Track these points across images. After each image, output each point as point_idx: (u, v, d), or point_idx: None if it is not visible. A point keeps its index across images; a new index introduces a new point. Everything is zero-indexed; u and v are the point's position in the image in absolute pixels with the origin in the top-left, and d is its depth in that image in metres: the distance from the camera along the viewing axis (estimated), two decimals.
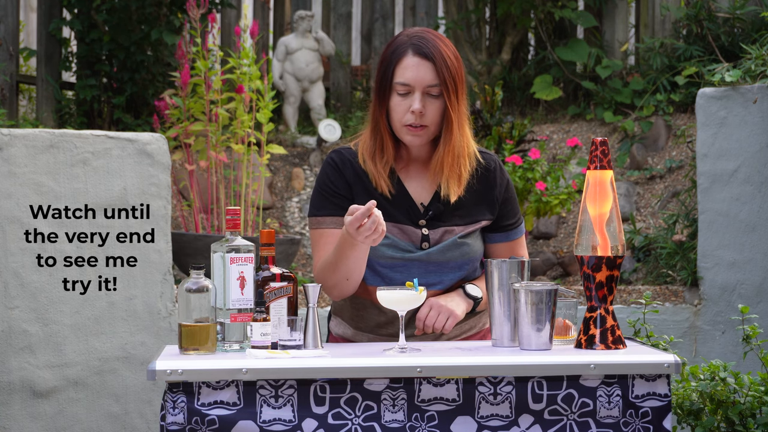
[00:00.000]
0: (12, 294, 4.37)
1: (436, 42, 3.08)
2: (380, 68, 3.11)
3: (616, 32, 7.33)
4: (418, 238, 3.12)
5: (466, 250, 3.14)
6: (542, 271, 5.96)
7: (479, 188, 3.17)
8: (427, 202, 3.15)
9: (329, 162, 3.16)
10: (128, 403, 4.48)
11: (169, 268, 4.54)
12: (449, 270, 3.13)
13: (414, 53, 3.07)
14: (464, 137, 3.13)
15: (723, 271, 5.04)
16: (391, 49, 3.10)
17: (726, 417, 3.53)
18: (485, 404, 2.76)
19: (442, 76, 3.05)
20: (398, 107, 3.08)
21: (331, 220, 3.13)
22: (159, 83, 6.70)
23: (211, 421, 2.71)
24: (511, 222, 3.22)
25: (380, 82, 3.10)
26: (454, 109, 3.08)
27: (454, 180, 3.12)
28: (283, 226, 6.50)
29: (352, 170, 3.14)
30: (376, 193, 3.12)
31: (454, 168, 3.12)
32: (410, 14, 7.84)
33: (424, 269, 3.11)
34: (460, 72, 3.09)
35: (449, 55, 3.08)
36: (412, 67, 3.06)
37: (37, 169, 4.40)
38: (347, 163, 3.14)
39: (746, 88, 5.01)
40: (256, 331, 2.82)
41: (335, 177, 3.14)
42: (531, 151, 5.75)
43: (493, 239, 3.22)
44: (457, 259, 3.14)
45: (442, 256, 3.12)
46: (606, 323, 2.88)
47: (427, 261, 3.12)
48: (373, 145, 3.13)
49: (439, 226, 3.14)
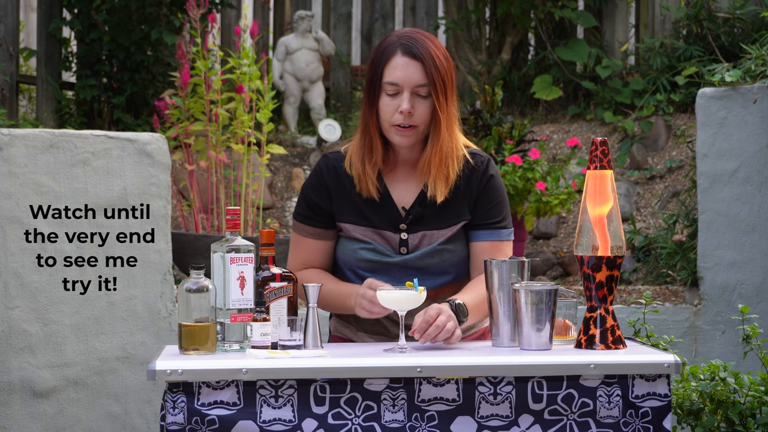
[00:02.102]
0: (12, 294, 4.37)
1: (425, 42, 3.07)
2: (370, 69, 3.10)
3: (616, 32, 7.33)
4: (396, 243, 3.12)
5: (447, 256, 3.13)
6: (542, 271, 5.96)
7: (463, 188, 3.14)
8: (408, 205, 3.14)
9: (316, 169, 3.19)
10: (128, 403, 4.48)
11: (169, 268, 4.54)
12: (429, 276, 3.11)
13: (403, 53, 3.06)
14: (453, 138, 3.11)
15: (723, 271, 5.04)
16: (381, 50, 3.10)
17: (726, 417, 3.53)
18: (485, 404, 2.76)
19: (431, 76, 3.04)
20: (387, 107, 3.07)
21: (310, 230, 3.17)
22: (159, 83, 6.70)
23: (211, 421, 2.71)
24: (498, 219, 3.16)
25: (370, 83, 3.09)
26: (443, 109, 3.07)
27: (442, 180, 3.10)
28: (283, 226, 6.50)
29: (335, 176, 3.14)
30: (357, 198, 3.13)
31: (441, 169, 3.09)
32: (410, 14, 7.84)
33: (404, 274, 3.10)
34: (449, 72, 3.08)
35: (439, 56, 3.06)
36: (400, 66, 3.05)
37: (37, 169, 4.40)
38: (331, 170, 3.15)
39: (746, 88, 5.01)
40: (256, 331, 2.82)
41: (317, 186, 3.16)
42: (531, 151, 5.75)
43: (477, 237, 3.15)
44: (437, 266, 3.12)
45: (421, 262, 3.11)
46: (606, 323, 2.88)
47: (405, 266, 3.12)
48: (363, 147, 3.12)
49: (418, 230, 3.12)
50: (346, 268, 3.17)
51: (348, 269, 3.16)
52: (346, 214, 3.14)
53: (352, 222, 3.13)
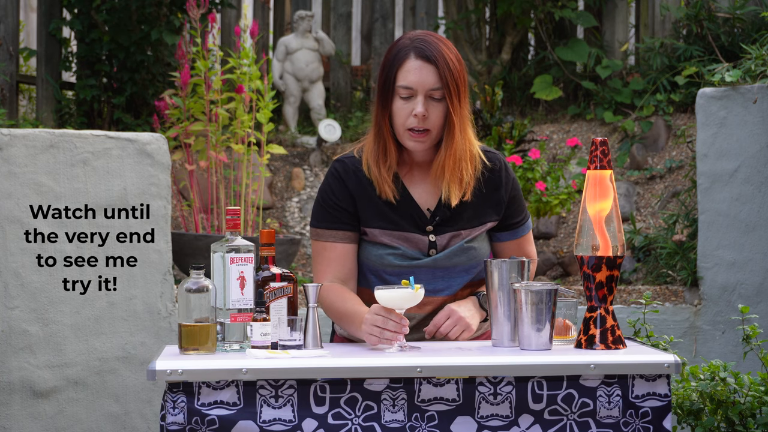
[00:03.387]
0: (12, 294, 4.37)
1: (438, 45, 3.06)
2: (382, 72, 3.08)
3: (616, 32, 7.33)
4: (425, 245, 3.11)
5: (474, 254, 3.14)
6: (542, 271, 5.97)
7: (485, 190, 3.15)
8: (433, 207, 3.13)
9: (332, 172, 3.14)
10: (128, 403, 4.48)
11: (169, 268, 4.54)
12: (456, 274, 3.13)
13: (416, 56, 3.04)
14: (466, 141, 3.11)
15: (723, 271, 5.04)
16: (393, 53, 3.08)
17: (726, 417, 3.53)
18: (485, 404, 2.76)
19: (445, 80, 3.04)
20: (401, 111, 3.06)
21: (330, 233, 3.12)
22: (159, 83, 6.70)
23: (211, 421, 2.71)
24: (519, 219, 3.21)
25: (383, 86, 3.08)
26: (457, 112, 3.06)
27: (455, 184, 3.10)
28: (283, 226, 6.50)
29: (356, 180, 3.11)
30: (381, 201, 3.11)
31: (455, 172, 3.09)
32: (410, 14, 7.83)
33: (431, 275, 3.11)
34: (462, 75, 3.07)
35: (452, 58, 3.06)
36: (414, 70, 3.04)
37: (37, 169, 4.40)
38: (351, 174, 3.12)
39: (746, 88, 5.01)
40: (256, 331, 2.82)
41: (338, 189, 3.12)
42: (531, 151, 5.75)
43: (500, 238, 3.21)
44: (465, 264, 3.13)
45: (449, 262, 3.12)
46: (606, 323, 2.88)
47: (434, 267, 3.11)
48: (377, 150, 3.10)
49: (446, 231, 3.12)
50: (369, 273, 3.13)
51: (372, 273, 3.13)
52: (372, 219, 3.11)
53: (378, 227, 3.10)
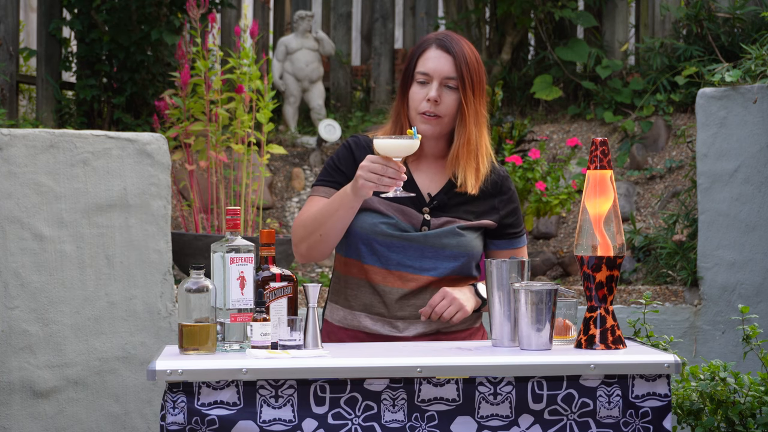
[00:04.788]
0: (12, 294, 4.37)
1: (460, 41, 3.24)
2: (405, 62, 3.26)
3: (616, 32, 7.33)
4: (419, 221, 3.19)
5: (464, 241, 3.19)
6: (542, 271, 5.96)
7: (490, 190, 3.26)
8: (434, 193, 3.23)
9: (345, 144, 3.28)
10: (128, 403, 4.48)
11: (169, 268, 4.54)
12: (445, 258, 3.19)
13: (437, 47, 3.22)
14: (482, 137, 3.24)
15: (723, 271, 5.04)
16: (417, 44, 3.28)
17: (726, 417, 3.53)
18: (485, 404, 2.76)
19: (461, 71, 3.19)
20: (416, 95, 3.21)
21: (324, 190, 3.23)
22: (159, 83, 6.70)
23: (211, 421, 2.71)
24: (517, 230, 3.31)
25: (404, 74, 3.25)
26: (469, 104, 3.19)
27: (472, 172, 3.22)
28: (283, 226, 6.50)
29: (365, 154, 3.19)
30: None
31: (471, 161, 3.21)
32: (410, 14, 7.83)
33: (421, 253, 3.18)
34: (479, 72, 3.22)
35: (470, 55, 3.22)
36: (433, 58, 3.21)
37: (37, 169, 4.40)
38: (362, 148, 3.24)
39: (746, 88, 5.01)
40: (256, 331, 2.82)
41: (344, 156, 3.25)
42: (531, 151, 5.75)
43: (497, 245, 3.29)
44: (454, 248, 3.19)
45: (439, 242, 3.18)
46: (606, 323, 2.88)
47: (424, 244, 3.18)
48: (392, 132, 3.22)
49: (441, 215, 3.20)
50: (361, 243, 3.18)
51: (363, 243, 3.18)
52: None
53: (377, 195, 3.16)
